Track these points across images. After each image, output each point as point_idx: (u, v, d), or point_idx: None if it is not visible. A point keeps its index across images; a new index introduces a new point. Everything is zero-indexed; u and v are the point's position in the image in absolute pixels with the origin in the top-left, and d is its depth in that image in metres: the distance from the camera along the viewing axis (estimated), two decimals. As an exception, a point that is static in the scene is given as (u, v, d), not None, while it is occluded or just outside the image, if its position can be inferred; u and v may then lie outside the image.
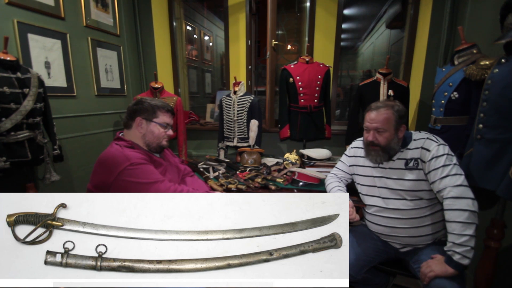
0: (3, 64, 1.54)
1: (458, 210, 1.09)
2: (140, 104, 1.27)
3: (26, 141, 1.63)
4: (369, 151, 1.33)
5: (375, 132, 1.28)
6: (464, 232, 1.07)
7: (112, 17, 2.60)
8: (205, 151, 3.03)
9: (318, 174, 1.73)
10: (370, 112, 1.30)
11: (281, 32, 3.21)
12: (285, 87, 2.37)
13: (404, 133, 1.29)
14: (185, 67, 3.34)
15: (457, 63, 1.65)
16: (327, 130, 2.45)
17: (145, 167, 1.17)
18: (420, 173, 1.23)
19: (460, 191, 1.11)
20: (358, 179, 1.47)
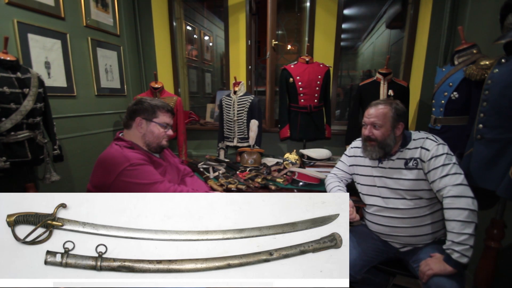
0: (3, 64, 1.54)
1: (457, 209, 1.09)
2: (140, 104, 1.27)
3: (26, 141, 1.63)
4: (365, 146, 1.35)
5: (371, 126, 1.29)
6: (464, 231, 1.07)
7: (112, 17, 2.61)
8: (205, 151, 3.03)
9: (318, 174, 1.73)
10: (369, 108, 1.33)
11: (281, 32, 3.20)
12: (285, 87, 2.37)
13: (401, 132, 1.29)
14: (185, 67, 3.34)
15: (457, 63, 1.65)
16: (327, 130, 2.45)
17: (144, 167, 1.17)
18: (420, 173, 1.24)
19: (460, 190, 1.11)
20: (358, 179, 1.48)
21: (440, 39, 2.26)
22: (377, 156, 1.31)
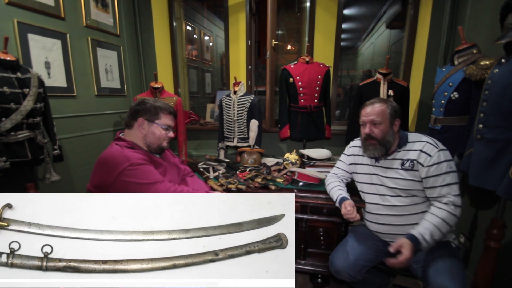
0: (3, 64, 1.54)
1: (454, 215, 1.16)
2: (142, 104, 1.27)
3: (26, 141, 1.63)
4: (366, 146, 1.35)
5: (371, 125, 1.31)
6: (447, 234, 1.22)
7: (112, 17, 2.60)
8: (205, 151, 3.02)
9: (318, 174, 1.73)
10: (365, 107, 1.35)
11: (281, 32, 3.20)
12: (285, 87, 2.37)
13: (398, 128, 1.32)
14: (185, 67, 3.34)
15: (457, 63, 1.65)
16: (327, 130, 2.45)
17: (145, 167, 1.17)
18: (416, 175, 1.25)
19: (459, 201, 1.18)
20: (357, 177, 1.49)
21: (440, 39, 2.26)
22: (379, 154, 1.32)
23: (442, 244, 1.26)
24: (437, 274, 1.13)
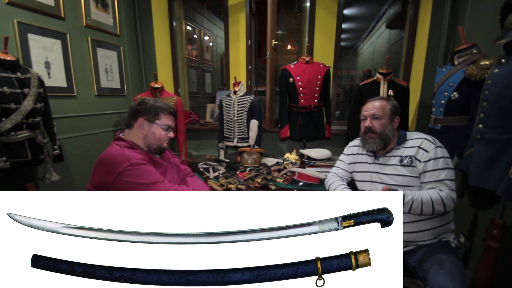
0: (3, 64, 1.53)
1: (442, 202, 1.16)
2: (143, 104, 1.27)
3: (26, 141, 1.63)
4: (365, 139, 1.37)
5: (371, 118, 1.34)
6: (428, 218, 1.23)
7: (112, 17, 2.60)
8: (205, 151, 3.02)
9: (318, 174, 1.73)
10: (366, 104, 1.38)
11: (281, 32, 3.20)
12: (285, 87, 2.37)
13: (398, 125, 1.34)
14: (185, 67, 3.34)
15: (457, 63, 1.65)
16: (327, 130, 2.45)
17: (145, 167, 1.17)
18: (414, 171, 1.27)
19: (454, 196, 1.19)
20: (357, 176, 1.50)
21: (440, 39, 2.26)
22: (377, 148, 1.34)
23: (442, 244, 1.26)
24: (437, 274, 1.13)
